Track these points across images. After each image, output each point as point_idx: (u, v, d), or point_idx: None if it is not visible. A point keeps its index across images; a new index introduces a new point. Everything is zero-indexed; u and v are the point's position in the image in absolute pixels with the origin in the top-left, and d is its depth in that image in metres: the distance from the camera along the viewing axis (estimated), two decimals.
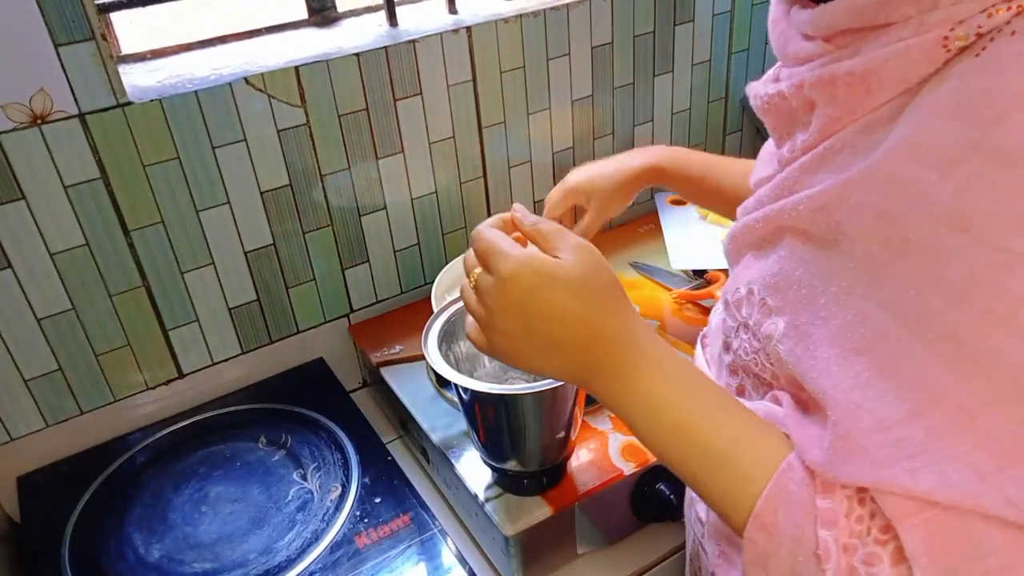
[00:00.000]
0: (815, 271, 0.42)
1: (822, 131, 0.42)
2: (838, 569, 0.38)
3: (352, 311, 1.04)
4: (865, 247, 0.38)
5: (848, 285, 0.40)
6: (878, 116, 0.39)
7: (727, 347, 0.53)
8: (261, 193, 0.91)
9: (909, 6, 0.37)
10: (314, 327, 1.02)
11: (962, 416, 0.35)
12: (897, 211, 0.37)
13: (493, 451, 0.72)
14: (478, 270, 0.49)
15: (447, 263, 1.00)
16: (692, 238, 1.09)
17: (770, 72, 0.51)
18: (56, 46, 0.74)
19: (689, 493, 0.69)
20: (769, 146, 0.53)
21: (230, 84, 0.84)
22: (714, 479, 0.44)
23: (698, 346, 0.64)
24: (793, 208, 0.43)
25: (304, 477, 0.83)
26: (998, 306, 0.34)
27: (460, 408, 0.73)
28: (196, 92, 0.83)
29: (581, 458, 0.76)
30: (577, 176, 0.86)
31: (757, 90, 0.49)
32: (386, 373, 0.92)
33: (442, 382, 0.88)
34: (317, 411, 0.93)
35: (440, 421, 0.83)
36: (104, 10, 0.84)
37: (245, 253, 0.93)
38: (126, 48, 0.92)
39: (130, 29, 0.93)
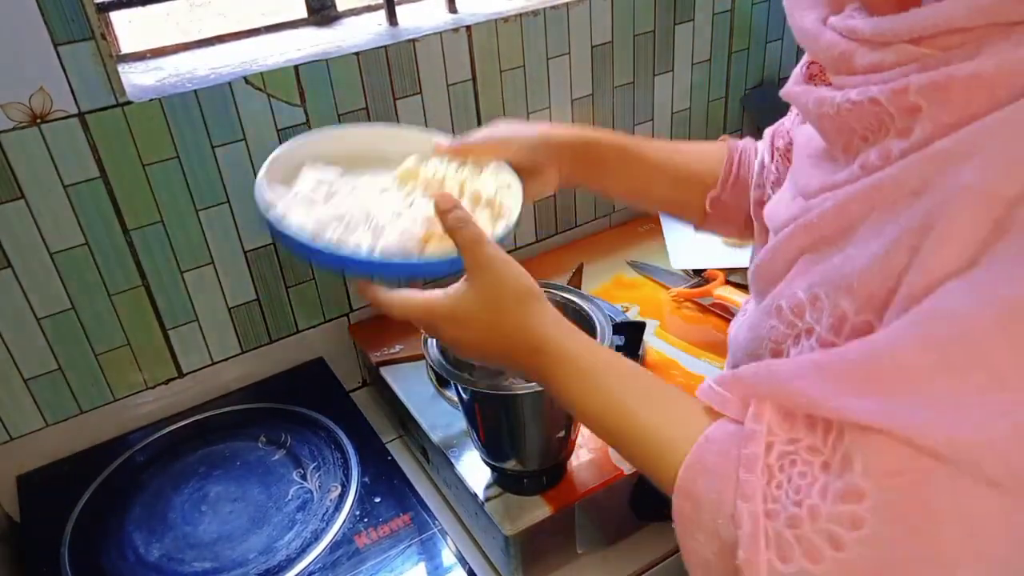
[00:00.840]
0: (893, 263, 0.40)
1: (929, 137, 0.39)
2: (755, 534, 0.40)
3: (352, 310, 1.04)
4: (970, 229, 0.36)
5: (931, 269, 0.38)
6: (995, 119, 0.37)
7: (776, 356, 0.50)
8: None
9: None
10: (314, 327, 1.02)
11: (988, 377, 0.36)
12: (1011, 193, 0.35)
13: (493, 451, 0.72)
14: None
15: None
16: (692, 238, 1.08)
17: (798, 70, 0.51)
18: (56, 45, 0.74)
19: None
20: (811, 152, 0.50)
21: (229, 83, 0.84)
22: (641, 455, 0.50)
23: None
24: (887, 182, 0.41)
25: (304, 477, 0.83)
26: None
27: (460, 408, 0.73)
28: (195, 91, 0.83)
29: (581, 458, 0.76)
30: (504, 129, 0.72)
31: (821, 96, 0.45)
32: (386, 373, 0.92)
33: (442, 382, 0.88)
34: (317, 411, 0.93)
35: (440, 421, 0.83)
36: (103, 9, 0.84)
37: (245, 253, 0.93)
38: (125, 47, 0.92)
39: (130, 28, 0.93)
